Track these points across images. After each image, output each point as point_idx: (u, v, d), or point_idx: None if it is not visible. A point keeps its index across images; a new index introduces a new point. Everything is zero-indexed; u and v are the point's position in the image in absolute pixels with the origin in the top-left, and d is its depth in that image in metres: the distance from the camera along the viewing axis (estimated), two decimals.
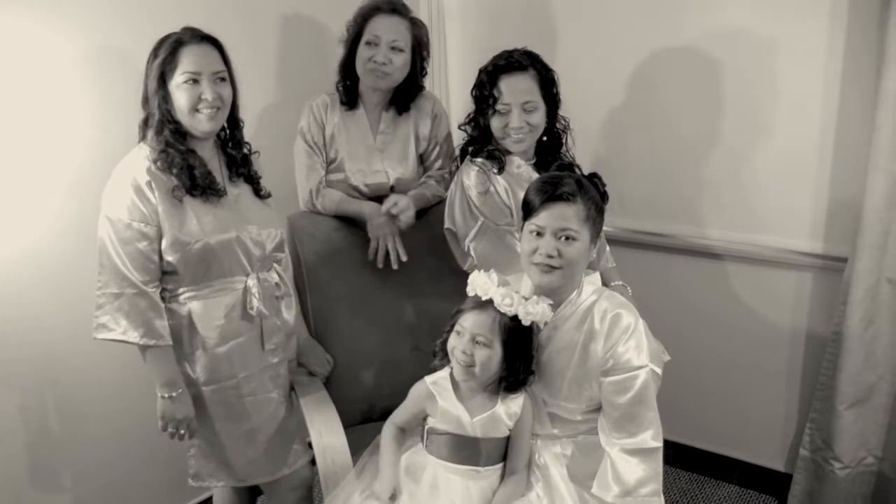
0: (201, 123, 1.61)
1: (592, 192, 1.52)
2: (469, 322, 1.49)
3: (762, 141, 2.16)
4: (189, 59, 1.57)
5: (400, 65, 2.00)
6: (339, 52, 2.06)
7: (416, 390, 1.60)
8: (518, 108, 1.80)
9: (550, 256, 1.47)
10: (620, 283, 1.94)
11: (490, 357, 1.48)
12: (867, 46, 1.93)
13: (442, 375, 1.57)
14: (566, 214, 1.47)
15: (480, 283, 1.50)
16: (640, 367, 1.47)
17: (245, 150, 1.75)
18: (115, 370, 1.96)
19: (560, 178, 1.52)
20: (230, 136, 1.73)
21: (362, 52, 1.98)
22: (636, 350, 1.49)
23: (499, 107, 1.81)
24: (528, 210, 1.53)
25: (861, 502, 2.16)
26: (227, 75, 1.64)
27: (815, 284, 2.18)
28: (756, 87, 2.13)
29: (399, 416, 1.63)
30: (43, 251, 1.85)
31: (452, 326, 1.53)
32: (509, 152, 1.87)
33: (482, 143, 1.88)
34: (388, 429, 1.63)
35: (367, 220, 2.02)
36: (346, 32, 2.04)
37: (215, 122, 1.63)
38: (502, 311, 1.47)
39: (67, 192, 1.86)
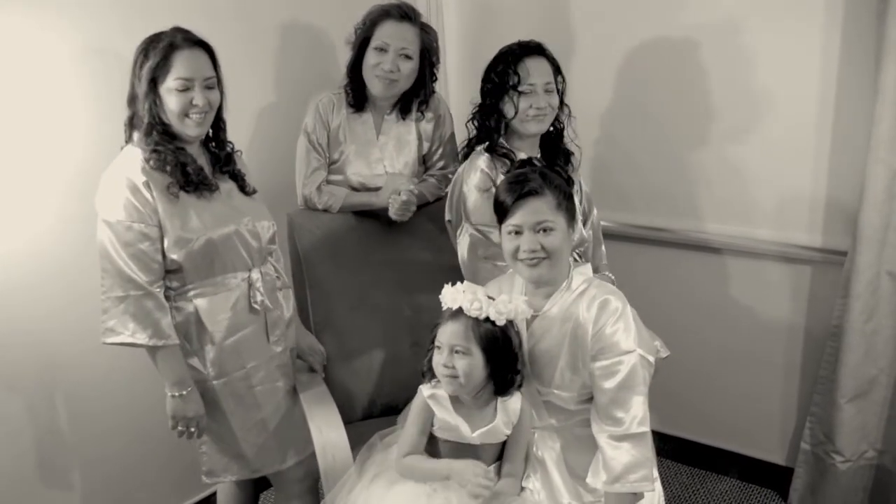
0: (189, 128, 1.62)
1: (557, 179, 1.56)
2: (445, 335, 1.49)
3: (761, 134, 2.16)
4: (183, 65, 1.57)
5: (407, 72, 1.99)
6: (338, 53, 2.05)
7: (414, 404, 1.57)
8: (542, 87, 1.84)
9: (534, 251, 1.50)
10: (607, 273, 1.98)
11: (471, 365, 1.47)
12: (866, 38, 1.92)
13: (439, 390, 1.54)
14: (539, 208, 1.50)
15: (449, 295, 1.51)
16: (627, 352, 1.48)
17: (228, 149, 1.76)
18: (119, 367, 1.96)
19: (524, 174, 1.54)
20: (213, 136, 1.74)
21: (370, 57, 1.98)
22: (624, 333, 1.49)
23: (524, 87, 1.83)
24: (501, 211, 1.55)
25: (862, 495, 2.16)
26: (216, 81, 1.65)
27: (815, 278, 2.18)
28: (754, 80, 2.13)
29: (405, 444, 1.56)
30: (44, 250, 1.85)
31: (433, 343, 1.53)
32: (521, 139, 1.89)
33: (497, 134, 1.89)
34: (402, 462, 1.55)
35: (380, 205, 2.02)
36: (354, 34, 2.03)
37: (202, 127, 1.64)
38: (472, 315, 1.47)
39: (67, 190, 1.86)
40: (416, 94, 2.08)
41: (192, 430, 1.67)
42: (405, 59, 1.97)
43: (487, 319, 1.48)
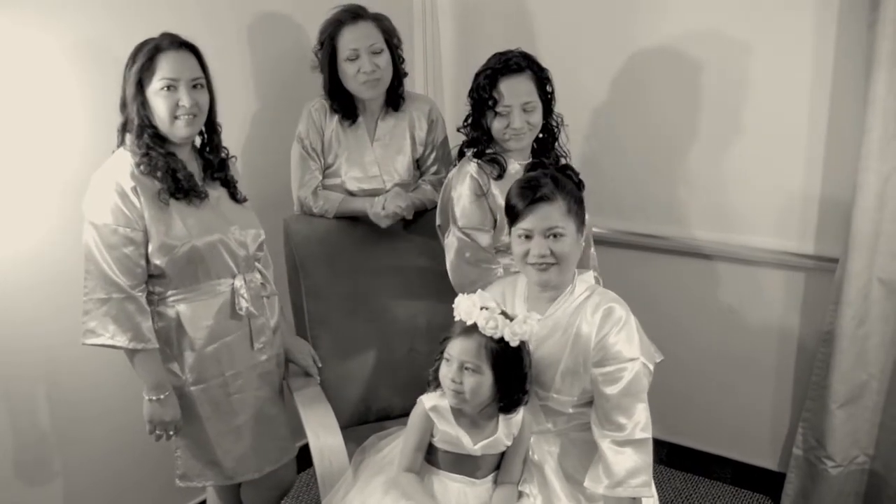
0: (179, 130, 1.62)
1: (569, 185, 1.56)
2: (456, 349, 1.47)
3: (754, 142, 2.18)
4: (167, 66, 1.58)
5: (385, 65, 2.01)
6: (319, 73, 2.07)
7: (414, 415, 1.55)
8: (518, 108, 1.83)
9: (543, 255, 1.51)
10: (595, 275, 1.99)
11: (479, 383, 1.46)
12: (857, 48, 1.94)
13: (441, 402, 1.53)
14: (550, 213, 1.51)
15: (464, 308, 1.48)
16: (631, 360, 1.49)
17: (222, 155, 1.77)
18: (110, 372, 1.96)
19: (537, 179, 1.54)
20: (208, 141, 1.74)
21: (346, 69, 1.98)
22: (627, 342, 1.50)
23: (500, 109, 1.84)
24: (512, 215, 1.56)
25: (854, 500, 2.18)
26: (205, 82, 1.65)
27: (808, 285, 2.20)
28: (746, 89, 2.15)
29: (403, 455, 1.55)
30: (41, 253, 1.85)
31: (442, 353, 1.51)
32: (507, 151, 1.90)
33: (482, 144, 1.91)
34: (405, 477, 1.54)
35: (370, 214, 2.03)
36: (315, 58, 2.05)
37: (192, 128, 1.64)
38: (487, 334, 1.45)
39: (63, 194, 1.85)
40: (395, 82, 2.08)
41: (170, 433, 1.68)
42: (378, 55, 1.99)
43: (501, 339, 1.46)
